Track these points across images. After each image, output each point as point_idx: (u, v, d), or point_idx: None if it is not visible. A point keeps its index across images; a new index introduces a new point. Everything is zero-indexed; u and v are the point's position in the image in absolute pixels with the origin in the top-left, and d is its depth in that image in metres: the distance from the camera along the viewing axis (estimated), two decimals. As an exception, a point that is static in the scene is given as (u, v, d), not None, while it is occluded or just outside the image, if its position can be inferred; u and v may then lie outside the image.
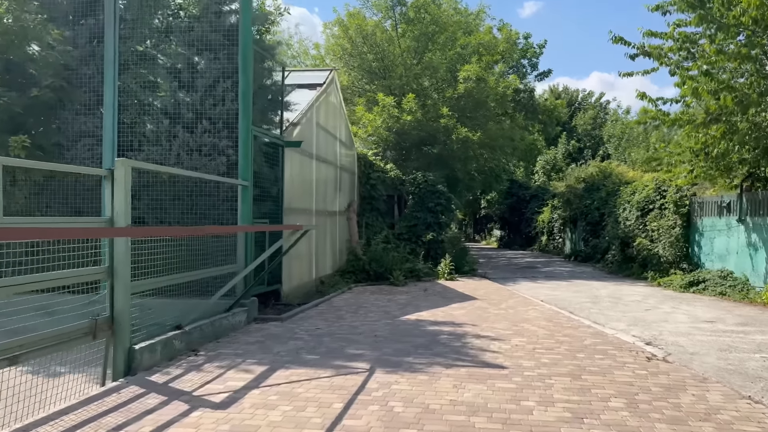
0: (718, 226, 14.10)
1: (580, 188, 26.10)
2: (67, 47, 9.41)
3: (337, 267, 14.83)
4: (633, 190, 19.52)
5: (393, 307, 10.75)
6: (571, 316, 9.94)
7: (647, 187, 18.05)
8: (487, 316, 9.69)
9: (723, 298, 12.35)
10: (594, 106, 47.60)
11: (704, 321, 9.55)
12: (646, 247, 16.52)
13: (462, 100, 19.13)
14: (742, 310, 10.68)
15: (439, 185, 18.22)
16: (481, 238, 54.15)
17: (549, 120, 27.41)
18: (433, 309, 10.52)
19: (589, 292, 13.48)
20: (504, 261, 24.78)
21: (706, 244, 14.64)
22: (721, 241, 13.91)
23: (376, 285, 14.40)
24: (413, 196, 18.47)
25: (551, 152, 39.77)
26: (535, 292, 13.49)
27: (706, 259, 14.58)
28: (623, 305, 11.40)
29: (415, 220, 18.07)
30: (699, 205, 15.15)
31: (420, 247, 17.46)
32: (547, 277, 17.28)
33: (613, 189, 22.08)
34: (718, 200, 14.24)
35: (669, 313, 10.40)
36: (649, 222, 17.10)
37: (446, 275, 15.84)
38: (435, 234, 17.57)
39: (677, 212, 15.75)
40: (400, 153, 20.64)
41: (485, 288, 14.21)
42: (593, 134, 43.56)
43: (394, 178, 18.48)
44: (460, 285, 14.77)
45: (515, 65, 25.42)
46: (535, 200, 35.59)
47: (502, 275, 17.98)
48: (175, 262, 7.46)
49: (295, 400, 5.05)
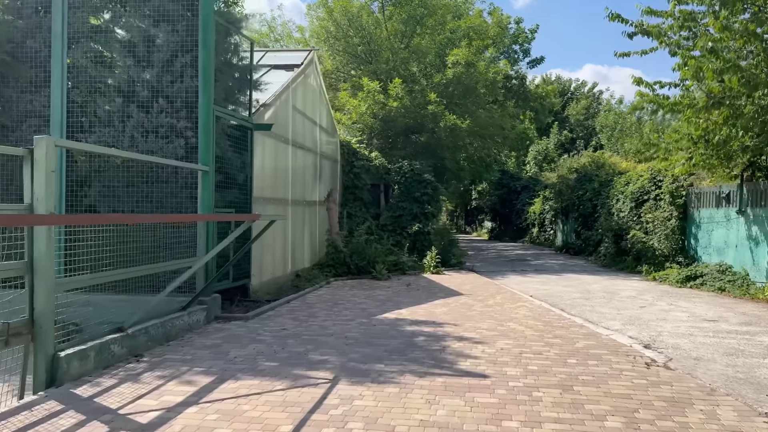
0: (717, 218, 13.45)
1: (572, 179, 25.42)
2: (10, 17, 8.53)
3: (317, 260, 14.05)
4: (627, 180, 18.85)
5: (371, 304, 9.99)
6: (562, 313, 9.23)
7: (642, 177, 17.36)
8: (472, 315, 8.95)
9: (722, 293, 11.69)
10: (587, 96, 46.88)
11: (705, 320, 8.86)
12: (640, 239, 15.86)
13: (451, 86, 18.22)
14: (744, 308, 10.02)
15: (426, 174, 17.44)
16: (472, 230, 53.50)
17: (541, 107, 26.58)
18: (414, 306, 9.77)
19: (581, 287, 12.81)
20: (494, 253, 24.11)
21: (704, 237, 13.99)
22: (720, 234, 13.26)
23: (358, 279, 13.64)
24: (399, 185, 17.69)
25: (543, 142, 39.07)
26: (525, 287, 12.80)
27: (704, 253, 13.94)
28: (617, 301, 10.72)
29: (401, 211, 17.30)
30: (696, 196, 14.48)
31: (405, 238, 16.73)
32: (537, 271, 16.59)
33: (606, 179, 21.41)
34: (716, 191, 13.57)
35: (667, 310, 9.72)
36: (643, 213, 16.45)
37: (432, 269, 15.11)
38: (421, 225, 16.81)
39: (673, 203, 15.08)
40: (386, 141, 19.80)
41: (472, 282, 13.49)
42: (586, 124, 42.87)
43: (379, 166, 17.68)
44: (446, 279, 14.04)
45: (506, 51, 24.53)
46: (526, 191, 34.92)
47: (491, 268, 17.28)
48: (121, 256, 6.67)
49: (236, 421, 4.27)
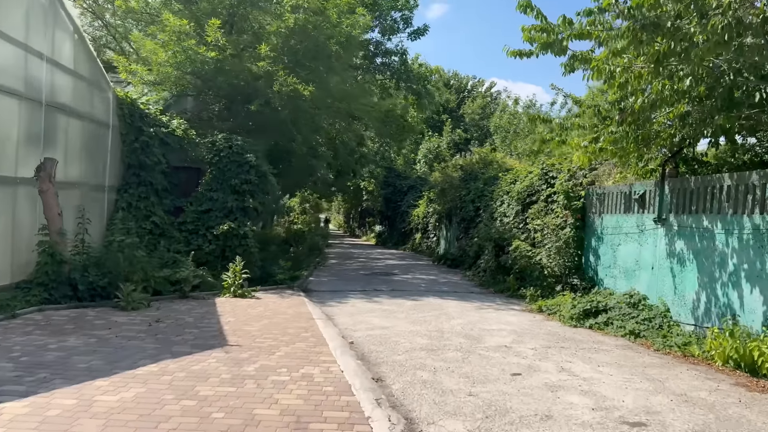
0: (626, 228, 9.72)
1: (456, 177, 21.61)
2: None
3: (25, 275, 8.63)
4: (514, 177, 15.09)
5: (5, 377, 4.92)
6: (362, 400, 4.70)
7: (531, 174, 13.61)
8: (171, 413, 4.18)
9: (636, 341, 7.80)
10: (484, 95, 44.18)
11: (625, 421, 4.69)
12: (525, 253, 11.95)
13: (293, 37, 13.39)
14: (680, 380, 6.04)
15: (250, 155, 12.51)
16: (362, 234, 49.30)
17: (425, 92, 22.48)
18: (86, 382, 4.84)
19: (437, 324, 8.50)
20: (359, 264, 19.59)
21: (607, 253, 10.25)
22: (630, 250, 9.52)
23: (90, 308, 8.45)
24: (211, 167, 12.63)
25: (435, 140, 35.59)
26: (357, 322, 8.31)
27: (607, 275, 10.20)
28: (479, 358, 6.46)
29: (210, 204, 12.24)
30: (599, 197, 10.74)
31: (209, 243, 11.71)
32: (395, 292, 12.23)
33: (491, 177, 17.66)
34: (626, 190, 9.86)
35: (555, 387, 5.52)
36: (531, 218, 12.62)
37: (234, 289, 10.21)
38: (236, 225, 11.85)
39: (569, 206, 11.29)
40: (207, 109, 14.66)
41: (279, 313, 8.76)
42: (481, 124, 40.03)
43: (183, 138, 12.54)
44: (245, 306, 9.22)
45: (381, 15, 20.14)
46: (412, 191, 31.02)
47: (336, 287, 12.71)
48: None
49: None
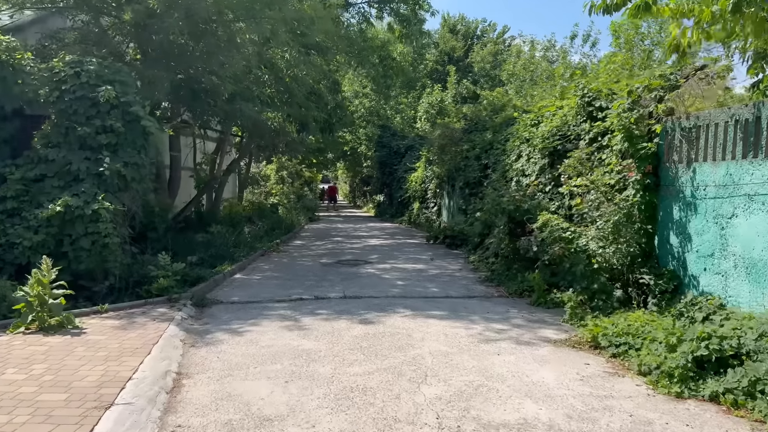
0: (748, 185, 4.94)
1: (459, 129, 16.77)
2: None
3: None
4: (537, 118, 10.22)
5: None
6: None
7: (563, 109, 8.79)
8: None
9: None
10: (496, 41, 38.59)
11: None
12: (558, 233, 7.19)
13: None
14: None
15: (107, 87, 7.77)
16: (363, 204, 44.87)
17: (414, 18, 17.44)
18: None
19: (387, 402, 3.90)
20: (329, 247, 14.84)
21: (707, 231, 5.50)
22: (759, 225, 4.77)
23: None
24: (52, 111, 7.97)
25: (437, 93, 30.46)
26: (219, 399, 3.72)
27: (706, 269, 5.47)
28: None
29: (44, 167, 7.63)
30: (686, 134, 5.92)
31: (34, 232, 7.13)
32: (348, 301, 7.65)
33: (502, 123, 12.80)
34: (748, 114, 5.04)
35: None
36: (565, 177, 7.80)
37: (42, 315, 5.67)
38: (80, 200, 7.22)
39: (633, 153, 6.49)
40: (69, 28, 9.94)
41: (63, 381, 4.24)
42: (492, 74, 34.71)
43: (7, 66, 7.85)
44: (22, 361, 4.72)
45: None
46: (411, 153, 26.23)
47: (261, 293, 8.16)
48: None
49: None
